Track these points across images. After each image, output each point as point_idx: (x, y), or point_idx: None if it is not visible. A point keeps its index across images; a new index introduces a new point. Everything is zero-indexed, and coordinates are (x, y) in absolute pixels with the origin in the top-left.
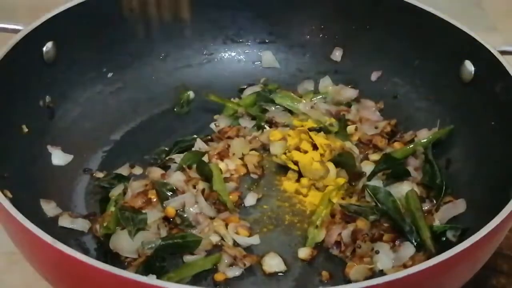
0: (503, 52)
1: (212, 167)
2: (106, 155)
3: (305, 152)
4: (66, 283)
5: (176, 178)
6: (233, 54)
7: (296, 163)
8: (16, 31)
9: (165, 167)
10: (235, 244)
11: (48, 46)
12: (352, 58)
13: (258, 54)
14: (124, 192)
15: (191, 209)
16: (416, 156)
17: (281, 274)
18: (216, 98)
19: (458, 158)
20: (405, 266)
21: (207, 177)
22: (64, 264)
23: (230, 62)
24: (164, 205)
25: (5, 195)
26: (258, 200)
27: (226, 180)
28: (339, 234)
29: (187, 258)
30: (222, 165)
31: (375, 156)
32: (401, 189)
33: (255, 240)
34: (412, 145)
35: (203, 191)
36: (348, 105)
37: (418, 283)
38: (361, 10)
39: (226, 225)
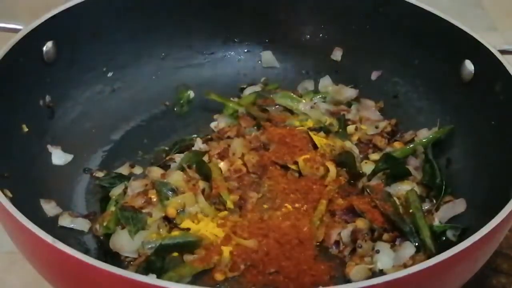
0: (503, 52)
1: (212, 167)
2: (106, 155)
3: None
4: (66, 283)
5: (176, 178)
6: (233, 54)
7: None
8: (16, 31)
9: (165, 167)
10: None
11: (48, 46)
12: (352, 58)
13: (258, 54)
14: (124, 192)
15: (191, 209)
16: (416, 156)
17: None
18: (216, 97)
19: (458, 158)
20: (405, 266)
21: (207, 176)
22: (64, 264)
23: (230, 62)
24: (164, 205)
25: (5, 195)
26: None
27: (226, 180)
28: (339, 233)
29: (187, 258)
30: (222, 165)
31: (375, 156)
32: (401, 189)
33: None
34: (412, 145)
35: (203, 191)
36: (348, 105)
37: (418, 283)
38: (361, 10)
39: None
